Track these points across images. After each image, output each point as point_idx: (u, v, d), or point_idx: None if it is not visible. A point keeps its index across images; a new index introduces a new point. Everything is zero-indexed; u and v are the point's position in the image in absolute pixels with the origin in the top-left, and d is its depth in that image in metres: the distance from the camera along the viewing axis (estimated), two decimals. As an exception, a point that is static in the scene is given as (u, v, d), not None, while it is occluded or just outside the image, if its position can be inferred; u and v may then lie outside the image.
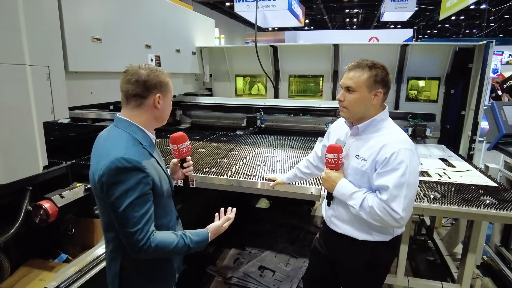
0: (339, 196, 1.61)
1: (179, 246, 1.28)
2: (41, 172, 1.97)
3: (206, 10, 15.27)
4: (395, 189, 1.43)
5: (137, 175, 1.22)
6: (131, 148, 1.26)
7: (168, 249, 1.26)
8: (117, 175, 1.20)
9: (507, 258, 3.14)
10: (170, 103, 1.44)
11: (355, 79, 1.53)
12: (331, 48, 4.01)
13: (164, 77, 1.38)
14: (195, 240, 1.32)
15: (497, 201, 2.12)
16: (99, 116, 4.21)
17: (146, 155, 1.31)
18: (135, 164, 1.22)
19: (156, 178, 1.31)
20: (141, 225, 1.21)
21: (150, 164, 1.30)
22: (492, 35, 19.88)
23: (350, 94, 1.55)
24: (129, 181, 1.20)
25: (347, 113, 1.60)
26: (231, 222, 1.49)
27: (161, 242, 1.25)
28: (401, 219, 1.44)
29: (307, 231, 3.97)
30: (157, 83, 1.35)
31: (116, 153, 1.21)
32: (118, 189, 1.20)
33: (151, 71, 1.34)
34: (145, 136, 1.37)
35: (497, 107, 3.22)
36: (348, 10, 19.28)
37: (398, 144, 1.47)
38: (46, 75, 1.96)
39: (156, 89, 1.35)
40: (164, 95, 1.38)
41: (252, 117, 4.00)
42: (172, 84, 1.44)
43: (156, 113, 1.38)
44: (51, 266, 2.21)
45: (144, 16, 3.06)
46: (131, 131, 1.33)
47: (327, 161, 1.63)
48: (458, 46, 3.69)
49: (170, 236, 1.28)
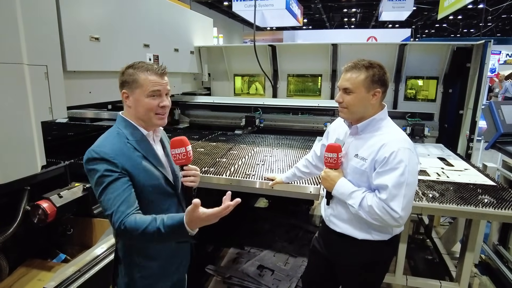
0: (338, 195, 1.61)
1: (149, 229, 1.20)
2: (39, 172, 1.96)
3: (204, 9, 15.24)
4: (394, 189, 1.43)
5: (104, 165, 1.29)
6: (109, 142, 1.35)
7: (139, 231, 1.21)
8: (88, 164, 1.32)
9: (505, 257, 3.15)
10: (144, 101, 1.37)
11: (352, 80, 1.52)
12: (329, 47, 4.01)
13: (136, 74, 1.36)
14: (167, 224, 1.19)
15: (495, 200, 2.13)
16: (97, 115, 4.21)
17: (126, 149, 1.36)
18: (102, 156, 1.29)
19: (135, 172, 1.34)
20: (115, 207, 1.25)
21: (127, 157, 1.34)
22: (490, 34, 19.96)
23: (348, 95, 1.55)
24: (99, 170, 1.29)
25: (347, 113, 1.59)
26: (228, 211, 1.23)
27: (134, 223, 1.22)
28: (400, 218, 1.45)
29: (306, 230, 3.97)
30: (123, 81, 1.39)
31: (92, 146, 1.34)
32: (93, 178, 1.30)
33: (128, 68, 1.39)
34: (134, 132, 1.41)
35: (495, 107, 3.23)
36: (346, 9, 19.30)
37: (397, 144, 1.47)
38: (44, 74, 1.95)
39: (122, 87, 1.40)
40: (131, 92, 1.38)
41: (250, 117, 4.00)
42: (156, 78, 1.37)
43: (131, 110, 1.41)
44: (49, 266, 2.20)
45: (143, 16, 3.05)
46: (121, 126, 1.42)
47: (327, 160, 1.63)
48: (456, 46, 3.69)
49: (144, 220, 1.23)
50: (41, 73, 1.93)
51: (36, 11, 1.90)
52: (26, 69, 1.82)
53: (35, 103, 1.88)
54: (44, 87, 1.95)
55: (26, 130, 1.85)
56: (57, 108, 2.05)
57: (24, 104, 1.83)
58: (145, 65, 1.39)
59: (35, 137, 1.90)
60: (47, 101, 1.98)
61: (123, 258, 1.48)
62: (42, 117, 1.95)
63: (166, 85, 1.42)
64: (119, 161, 1.31)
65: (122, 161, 1.31)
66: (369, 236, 1.62)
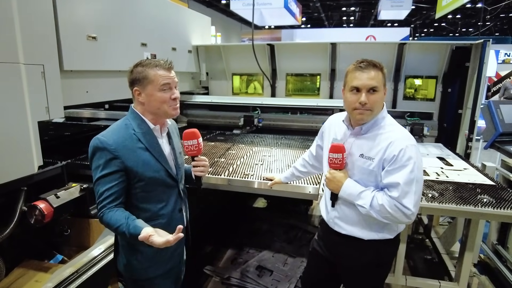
0: (346, 196, 1.58)
1: (119, 230, 1.36)
2: (36, 172, 1.94)
3: (201, 8, 15.23)
4: (405, 186, 1.43)
5: (105, 155, 1.40)
6: (115, 133, 1.45)
7: (113, 228, 1.39)
8: (91, 151, 1.43)
9: (503, 256, 3.15)
10: (157, 95, 1.47)
11: (377, 78, 1.49)
12: (328, 46, 4.00)
13: (145, 71, 1.45)
14: (130, 232, 1.34)
15: (494, 199, 2.12)
16: (94, 115, 4.18)
17: (130, 141, 1.46)
18: (105, 145, 1.40)
19: (134, 164, 1.44)
20: (100, 199, 1.41)
21: (128, 150, 1.44)
22: (488, 33, 20.00)
23: (373, 95, 1.49)
24: (99, 159, 1.41)
25: (370, 115, 1.53)
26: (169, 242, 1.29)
27: (110, 219, 1.38)
28: (412, 215, 1.45)
29: (305, 231, 3.96)
30: (134, 79, 1.48)
31: (99, 134, 1.44)
32: (93, 164, 1.43)
33: (136, 66, 1.48)
34: (141, 124, 1.51)
35: (494, 106, 3.23)
36: (345, 8, 19.31)
37: (405, 141, 1.47)
38: (41, 74, 1.93)
39: (133, 85, 1.49)
40: (143, 88, 1.47)
41: (249, 116, 3.98)
42: (165, 73, 1.48)
43: (144, 106, 1.50)
44: (46, 267, 2.18)
45: (140, 14, 3.03)
46: (130, 117, 1.52)
47: (331, 161, 1.59)
48: (455, 45, 3.69)
49: (119, 219, 1.37)
50: (37, 73, 1.91)
51: (32, 10, 1.88)
52: (22, 69, 1.80)
53: (31, 103, 1.86)
54: (40, 87, 1.93)
55: (23, 130, 1.83)
56: (54, 107, 2.03)
57: (21, 104, 1.81)
58: (153, 61, 1.48)
59: (32, 137, 1.88)
60: (44, 100, 1.96)
61: (120, 239, 1.62)
62: (39, 117, 1.93)
63: (174, 78, 1.53)
64: (119, 153, 1.41)
65: (122, 153, 1.42)
66: (375, 235, 1.61)
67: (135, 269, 1.58)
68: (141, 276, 1.59)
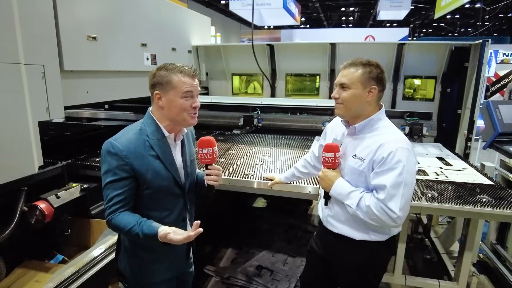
0: (336, 195, 1.61)
1: (132, 231, 1.36)
2: (37, 172, 1.94)
3: (201, 8, 15.22)
4: (392, 189, 1.43)
5: (116, 160, 1.38)
6: (127, 138, 1.42)
7: (124, 230, 1.39)
8: (103, 154, 1.42)
9: (502, 256, 3.16)
10: (178, 102, 1.42)
11: (349, 75, 1.54)
12: (328, 47, 4.01)
13: (169, 76, 1.41)
14: (145, 232, 1.35)
15: (494, 199, 2.13)
16: (94, 115, 4.18)
17: (142, 147, 1.43)
18: (116, 151, 1.38)
19: (143, 171, 1.42)
20: (109, 204, 1.40)
21: (140, 156, 1.41)
22: (487, 34, 20.03)
23: (344, 91, 1.55)
24: (110, 163, 1.39)
25: (343, 109, 1.59)
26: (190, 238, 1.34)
27: (120, 223, 1.38)
28: (398, 219, 1.44)
29: (305, 230, 3.97)
30: (156, 82, 1.43)
31: (112, 137, 1.43)
32: (103, 168, 1.41)
33: (160, 69, 1.44)
34: (156, 131, 1.47)
35: (493, 106, 3.24)
36: (344, 8, 19.32)
37: (395, 144, 1.47)
38: (41, 74, 1.93)
39: (154, 88, 1.44)
40: (164, 93, 1.43)
41: (249, 116, 3.99)
42: (189, 80, 1.43)
43: (163, 111, 1.46)
44: (47, 267, 2.18)
45: (140, 15, 3.03)
46: (146, 123, 1.48)
47: (324, 160, 1.63)
48: (454, 45, 3.70)
49: (130, 221, 1.38)
50: (38, 73, 1.91)
51: (33, 10, 1.88)
52: (23, 69, 1.80)
53: (32, 103, 1.86)
54: (41, 87, 1.93)
55: (23, 130, 1.83)
56: (54, 108, 2.03)
57: (21, 104, 1.81)
58: (177, 66, 1.44)
59: (32, 137, 1.88)
60: (44, 101, 1.96)
61: (123, 240, 1.61)
62: (39, 117, 1.93)
63: (197, 86, 1.48)
64: (130, 159, 1.40)
65: (133, 160, 1.40)
66: (366, 236, 1.62)
67: (137, 270, 1.58)
68: (143, 278, 1.59)
